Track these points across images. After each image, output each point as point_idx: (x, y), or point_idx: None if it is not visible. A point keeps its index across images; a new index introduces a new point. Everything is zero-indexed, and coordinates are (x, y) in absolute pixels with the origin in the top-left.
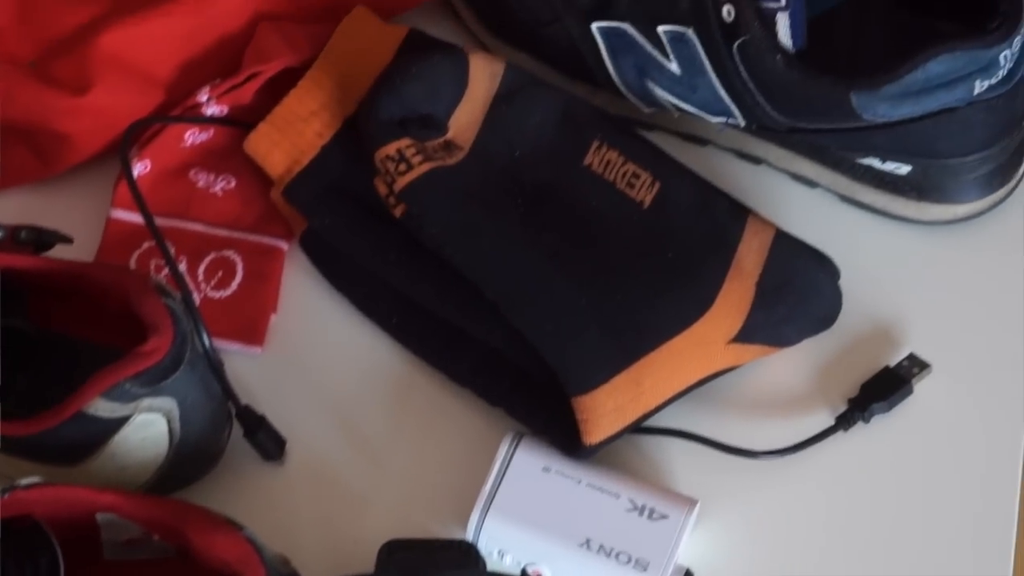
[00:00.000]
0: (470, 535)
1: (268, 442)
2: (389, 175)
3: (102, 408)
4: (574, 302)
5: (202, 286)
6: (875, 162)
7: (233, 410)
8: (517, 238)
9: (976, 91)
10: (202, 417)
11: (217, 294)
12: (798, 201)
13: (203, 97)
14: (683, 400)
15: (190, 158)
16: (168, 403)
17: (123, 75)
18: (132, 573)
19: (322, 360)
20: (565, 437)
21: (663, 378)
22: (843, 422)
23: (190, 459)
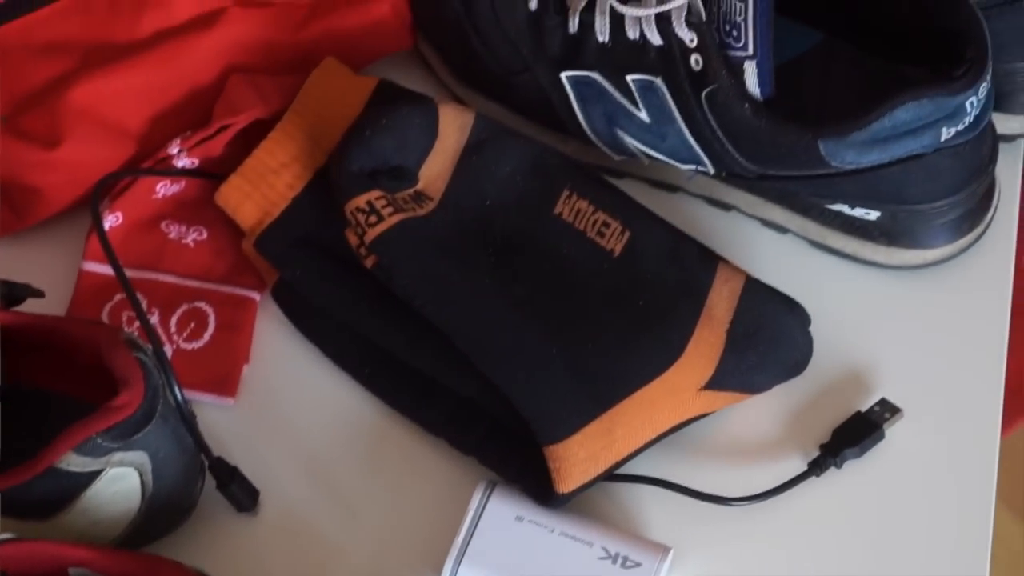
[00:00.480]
0: None
1: (241, 494)
2: (360, 227)
3: (74, 463)
4: (545, 351)
5: (174, 338)
6: (844, 208)
7: (206, 462)
8: (488, 288)
9: (943, 138)
10: (174, 470)
11: (189, 346)
12: (768, 247)
13: (174, 149)
14: (655, 447)
15: (162, 210)
16: (140, 457)
17: (94, 128)
18: None
19: (295, 411)
20: (538, 486)
21: (635, 426)
22: (815, 468)
23: (163, 512)
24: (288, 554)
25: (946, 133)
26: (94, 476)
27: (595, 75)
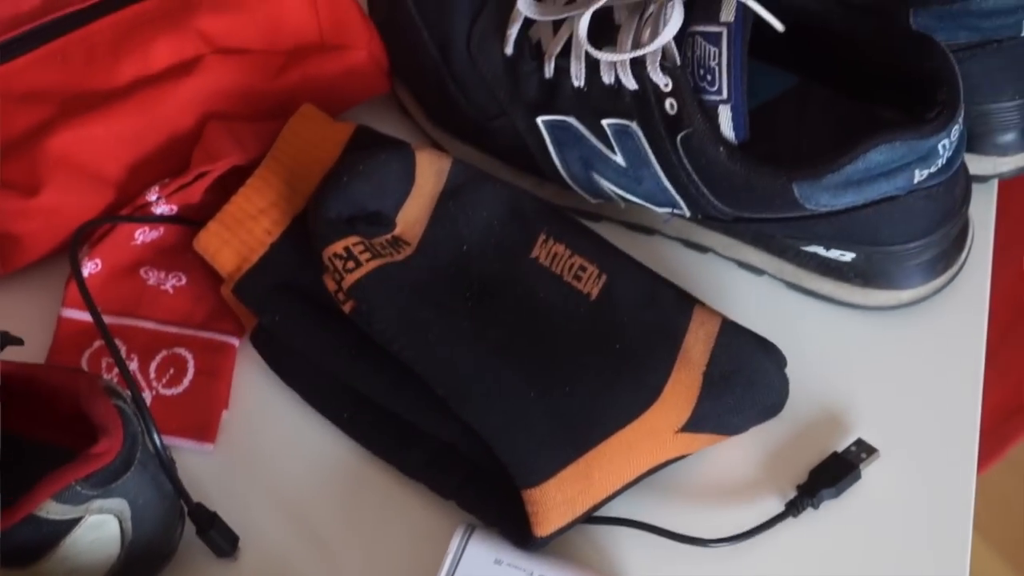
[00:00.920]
0: None
1: (221, 539)
2: (338, 272)
3: (53, 510)
4: (522, 395)
5: (154, 384)
6: (820, 250)
7: (185, 508)
8: (465, 333)
9: (916, 180)
10: (154, 517)
11: (169, 392)
12: (745, 288)
13: (153, 196)
14: (633, 489)
15: (141, 256)
16: (119, 504)
17: (73, 176)
18: None
19: (274, 455)
20: (516, 529)
21: (613, 469)
22: (792, 508)
23: (142, 559)
24: None
25: (919, 175)
26: (73, 524)
27: (571, 119)
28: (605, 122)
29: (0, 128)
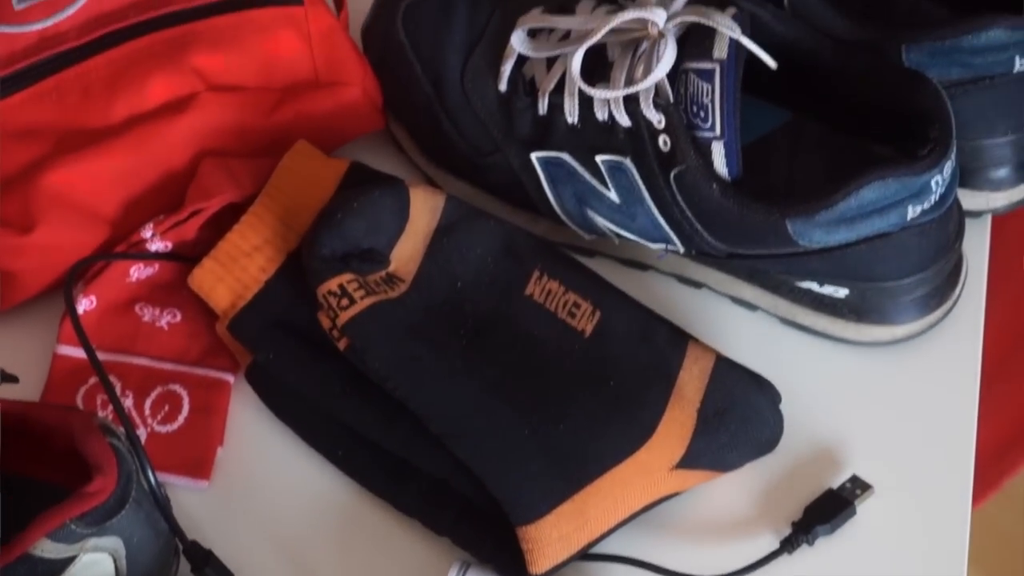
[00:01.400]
0: None
1: None
2: (332, 310)
3: (48, 549)
4: (517, 432)
5: (148, 421)
6: (813, 286)
7: (180, 546)
8: (459, 370)
9: (909, 216)
10: (149, 555)
11: (163, 429)
12: (739, 324)
13: (147, 233)
14: (628, 525)
15: (136, 293)
16: (114, 542)
17: (68, 213)
18: None
19: (269, 492)
20: (511, 566)
21: (607, 506)
22: (787, 545)
23: None
24: None
25: (912, 212)
26: (68, 562)
27: (565, 156)
28: (599, 158)
29: None
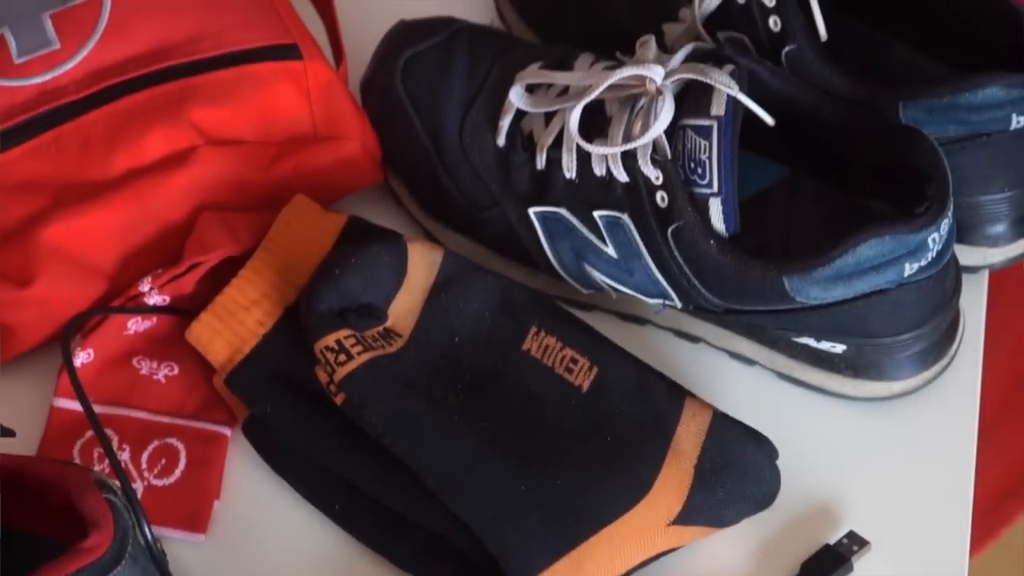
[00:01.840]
0: None
1: None
2: (329, 365)
3: None
4: (513, 488)
5: (145, 474)
6: (811, 341)
7: None
8: (456, 426)
9: (906, 273)
10: None
11: (160, 482)
12: (736, 378)
13: (145, 287)
14: None
15: (133, 346)
16: None
17: (66, 266)
18: None
19: (265, 546)
20: None
21: (604, 562)
22: None
23: None
24: None
25: (909, 269)
26: None
27: (562, 211)
28: (597, 214)
29: None
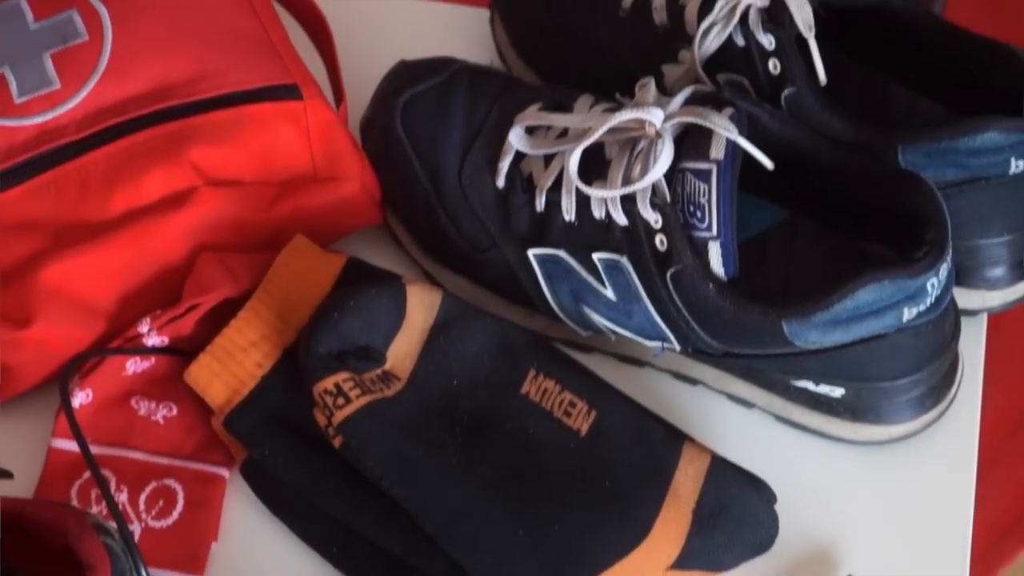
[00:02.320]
0: None
1: None
2: (328, 408)
3: None
4: (511, 532)
5: (143, 515)
6: (809, 385)
7: None
8: (454, 469)
9: (905, 318)
10: None
11: (158, 524)
12: (734, 421)
13: (144, 328)
14: None
15: (132, 386)
16: None
17: (65, 307)
18: None
19: None
20: None
21: None
22: None
23: None
24: None
25: (908, 313)
26: None
27: (561, 253)
28: (596, 256)
29: None
